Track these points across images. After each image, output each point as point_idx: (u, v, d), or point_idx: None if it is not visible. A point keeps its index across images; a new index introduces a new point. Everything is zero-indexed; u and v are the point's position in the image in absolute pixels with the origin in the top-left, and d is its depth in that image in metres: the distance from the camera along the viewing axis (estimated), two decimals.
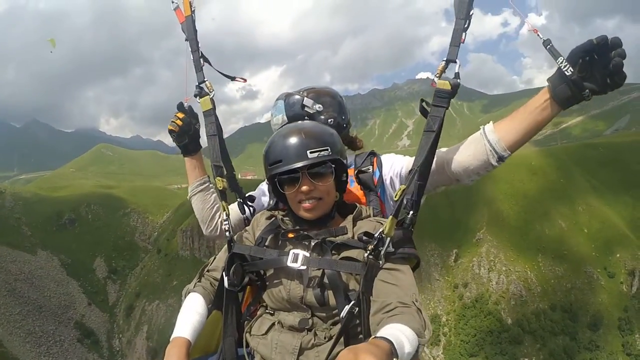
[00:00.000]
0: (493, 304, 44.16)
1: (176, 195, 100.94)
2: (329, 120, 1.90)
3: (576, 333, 42.82)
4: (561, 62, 1.34)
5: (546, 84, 1.43)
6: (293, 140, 1.43)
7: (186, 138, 1.99)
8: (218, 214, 2.00)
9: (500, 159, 1.55)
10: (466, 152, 1.60)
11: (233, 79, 2.04)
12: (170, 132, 1.97)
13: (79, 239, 74.06)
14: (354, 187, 1.77)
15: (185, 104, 1.95)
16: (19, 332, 54.51)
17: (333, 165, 1.45)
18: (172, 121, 1.96)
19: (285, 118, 1.94)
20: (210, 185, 2.05)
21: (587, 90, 1.35)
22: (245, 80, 2.10)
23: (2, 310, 54.78)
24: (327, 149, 1.42)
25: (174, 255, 65.02)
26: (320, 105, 1.92)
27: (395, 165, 1.79)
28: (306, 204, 1.45)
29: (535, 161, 58.68)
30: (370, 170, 1.79)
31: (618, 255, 47.17)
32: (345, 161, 1.50)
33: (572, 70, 1.33)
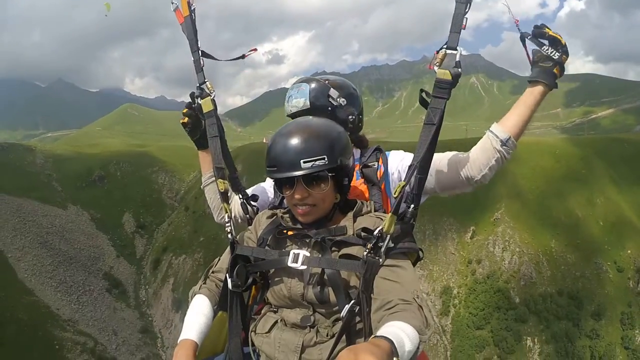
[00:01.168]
0: (503, 282, 45.58)
1: None
2: (350, 117, 1.89)
3: (579, 320, 44.16)
4: (547, 50, 1.54)
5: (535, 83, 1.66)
6: (290, 145, 1.41)
7: (198, 133, 2.04)
8: (232, 202, 1.94)
9: (503, 142, 1.60)
10: (474, 149, 1.67)
11: (243, 57, 2.03)
12: (184, 125, 2.04)
13: (108, 195, 76.84)
14: (358, 181, 1.79)
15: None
16: (51, 282, 56.57)
17: (330, 174, 1.42)
18: (184, 114, 2.03)
19: (307, 103, 1.90)
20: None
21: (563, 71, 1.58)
22: (255, 50, 2.07)
23: (34, 261, 56.85)
24: (323, 158, 1.38)
25: (201, 213, 66.71)
26: (344, 100, 1.89)
27: (405, 161, 1.79)
28: (299, 209, 1.46)
29: (560, 149, 58.86)
30: (376, 165, 1.80)
31: (629, 251, 47.86)
32: (348, 162, 1.48)
33: (558, 54, 1.55)
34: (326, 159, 1.38)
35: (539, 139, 70.31)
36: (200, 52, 1.85)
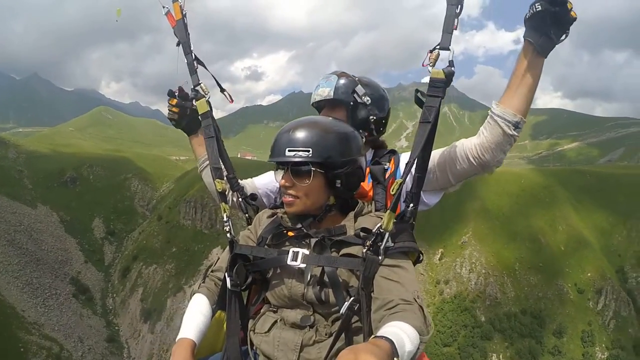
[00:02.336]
0: (470, 302, 48.09)
1: (176, 166, 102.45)
2: (370, 117, 1.88)
3: (542, 337, 46.95)
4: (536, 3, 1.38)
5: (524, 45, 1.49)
6: (284, 134, 1.46)
7: (185, 120, 2.02)
8: (228, 186, 1.89)
9: (515, 125, 1.54)
10: (483, 135, 1.60)
11: (222, 90, 1.98)
12: (170, 119, 2.04)
13: (79, 198, 75.07)
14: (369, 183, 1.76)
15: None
16: (17, 282, 54.99)
17: (314, 169, 1.40)
18: (168, 110, 2.01)
19: (331, 94, 1.89)
20: None
21: (563, 35, 1.44)
22: (232, 101, 2.03)
23: (1, 259, 55.27)
24: (307, 151, 1.39)
25: (175, 223, 66.67)
26: (369, 99, 1.88)
27: None
28: (285, 197, 1.49)
29: (526, 179, 62.77)
30: (387, 166, 1.79)
31: (589, 274, 51.28)
32: (343, 163, 1.43)
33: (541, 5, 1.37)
34: (310, 152, 1.39)
35: (505, 168, 74.19)
36: (193, 55, 1.85)
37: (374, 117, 1.90)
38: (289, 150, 1.41)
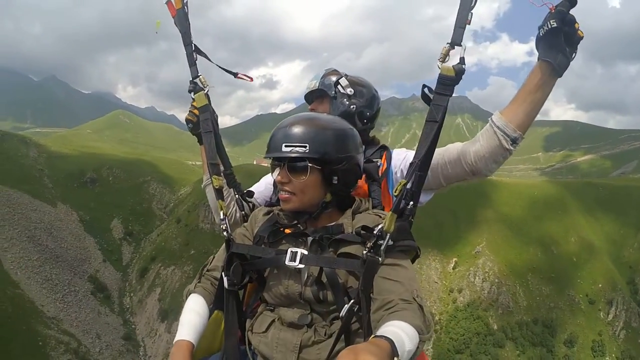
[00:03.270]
0: (483, 310, 48.91)
1: (193, 171, 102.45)
2: (352, 107, 1.89)
3: (553, 346, 47.63)
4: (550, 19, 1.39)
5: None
6: (281, 130, 1.44)
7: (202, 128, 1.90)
8: (232, 203, 1.91)
9: (514, 141, 1.56)
10: (479, 143, 1.61)
11: (235, 75, 1.99)
12: (188, 121, 1.95)
13: (98, 199, 76.38)
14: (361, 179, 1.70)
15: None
16: (37, 277, 55.68)
17: (310, 165, 1.38)
18: (190, 111, 1.92)
19: (317, 85, 1.98)
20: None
21: (574, 54, 1.45)
22: (251, 79, 2.06)
23: (21, 254, 56.04)
24: (304, 146, 1.37)
25: (194, 226, 67.87)
26: (351, 90, 1.91)
27: (408, 159, 1.78)
28: (281, 194, 1.46)
29: (539, 191, 63.52)
30: (379, 162, 1.79)
31: (600, 285, 51.92)
32: (341, 160, 1.41)
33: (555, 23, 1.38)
34: (307, 148, 1.37)
35: (519, 180, 74.85)
36: (193, 46, 1.82)
37: (354, 107, 1.91)
38: (285, 146, 1.40)
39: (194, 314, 1.49)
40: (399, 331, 1.05)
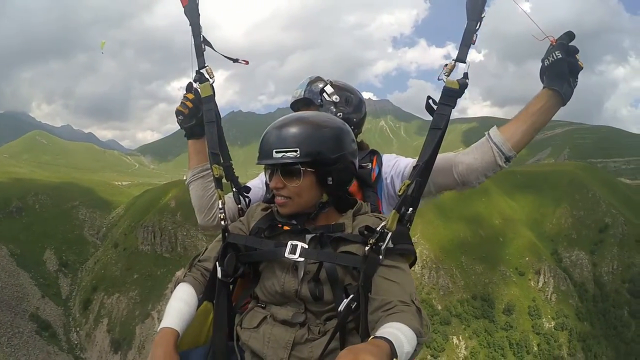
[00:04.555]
0: (426, 294, 53.42)
1: (122, 192, 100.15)
2: (338, 114, 1.86)
3: (494, 317, 53.34)
4: (554, 51, 1.51)
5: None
6: (271, 134, 1.41)
7: (194, 120, 1.89)
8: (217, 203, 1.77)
9: (507, 159, 1.60)
10: (473, 155, 1.65)
11: (235, 60, 1.98)
12: (178, 113, 1.89)
13: (28, 229, 71.88)
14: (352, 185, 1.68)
15: (195, 85, 1.83)
16: None
17: (303, 169, 1.36)
18: (182, 102, 1.87)
19: (302, 94, 1.95)
20: None
21: (576, 83, 1.55)
22: (247, 62, 2.04)
23: None
24: (295, 151, 1.34)
25: (134, 250, 65.75)
26: (337, 97, 1.91)
27: (398, 164, 1.80)
28: (277, 199, 1.44)
29: None
30: (370, 166, 1.79)
31: (527, 258, 58.70)
32: (335, 160, 1.38)
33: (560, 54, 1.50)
34: (298, 152, 1.33)
35: None
36: (202, 37, 1.82)
37: (341, 114, 1.87)
38: (276, 152, 1.36)
39: (181, 302, 1.42)
40: (398, 333, 1.05)
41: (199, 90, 1.84)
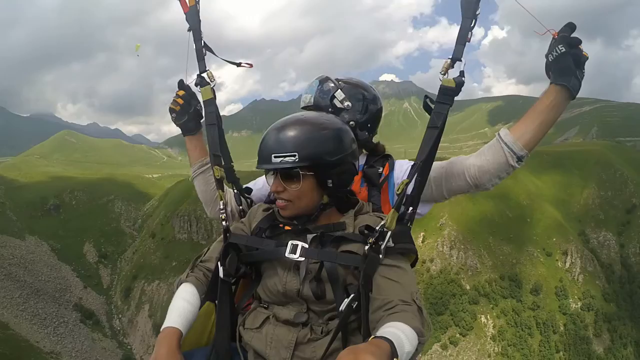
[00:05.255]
0: (454, 274, 54.09)
1: (154, 184, 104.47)
2: (350, 123, 1.80)
3: (521, 296, 53.72)
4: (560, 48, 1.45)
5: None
6: (269, 138, 1.40)
7: (186, 116, 1.91)
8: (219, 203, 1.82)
9: (520, 159, 1.57)
10: (485, 157, 1.62)
11: (239, 64, 1.98)
12: (171, 110, 1.91)
13: (65, 225, 75.38)
14: (363, 186, 1.76)
15: (187, 81, 1.88)
16: (24, 314, 54.97)
17: (303, 172, 1.36)
18: (174, 99, 1.89)
19: (312, 100, 1.89)
20: None
21: (583, 75, 1.49)
22: (251, 65, 2.03)
23: (3, 293, 54.89)
24: (294, 155, 1.33)
25: (171, 239, 68.08)
26: (349, 104, 1.84)
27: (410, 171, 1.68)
28: (278, 202, 1.44)
29: None
30: (381, 169, 1.79)
31: (554, 239, 58.36)
32: (336, 162, 1.38)
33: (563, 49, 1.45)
34: (297, 157, 1.33)
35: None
36: (203, 42, 1.82)
37: (354, 122, 1.83)
38: (274, 157, 1.36)
39: (184, 302, 1.42)
40: (399, 332, 1.05)
41: (190, 86, 1.91)
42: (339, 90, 1.87)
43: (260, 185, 1.95)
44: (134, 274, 68.55)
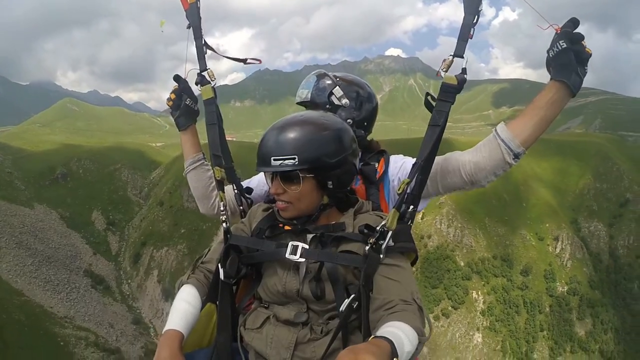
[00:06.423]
0: (450, 251, 56.85)
1: (159, 152, 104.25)
2: (348, 120, 1.82)
3: (511, 276, 56.61)
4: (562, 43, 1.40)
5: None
6: (269, 140, 1.39)
7: (177, 111, 1.90)
8: (214, 192, 1.89)
9: (516, 156, 1.53)
10: (481, 154, 1.58)
11: (245, 61, 1.96)
12: (168, 105, 1.93)
13: (74, 194, 76.21)
14: (358, 185, 1.74)
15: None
16: (37, 281, 55.53)
17: (303, 175, 1.35)
18: (169, 96, 1.91)
19: (309, 96, 1.89)
20: (205, 162, 1.94)
21: (585, 72, 1.44)
22: (260, 62, 2.00)
23: (15, 262, 55.33)
24: (293, 158, 1.32)
25: (179, 207, 69.12)
26: (347, 102, 1.85)
27: (405, 166, 1.76)
28: (278, 204, 1.44)
29: None
30: (376, 166, 1.77)
31: (547, 224, 60.87)
32: (335, 164, 1.37)
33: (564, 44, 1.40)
34: (296, 160, 1.32)
35: (472, 138, 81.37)
36: (203, 40, 1.80)
37: (351, 120, 1.83)
38: (274, 159, 1.35)
39: (185, 304, 1.42)
40: (399, 332, 1.05)
41: (187, 80, 1.90)
42: (337, 87, 1.88)
43: (256, 183, 1.97)
44: (143, 240, 70.01)
